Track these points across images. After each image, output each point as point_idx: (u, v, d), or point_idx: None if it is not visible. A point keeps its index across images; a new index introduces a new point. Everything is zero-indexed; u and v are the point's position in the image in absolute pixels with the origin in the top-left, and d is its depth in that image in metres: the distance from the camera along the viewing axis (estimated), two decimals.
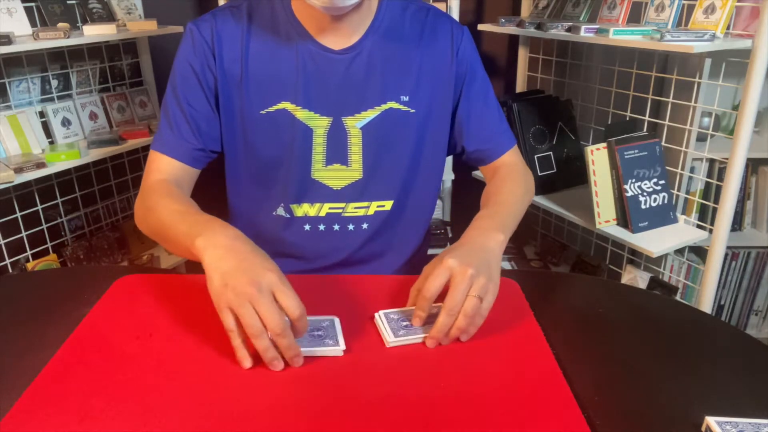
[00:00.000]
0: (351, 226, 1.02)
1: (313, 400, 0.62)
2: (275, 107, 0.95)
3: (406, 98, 0.98)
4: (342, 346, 0.70)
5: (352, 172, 0.99)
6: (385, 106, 0.97)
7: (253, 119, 0.95)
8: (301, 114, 0.95)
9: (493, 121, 1.06)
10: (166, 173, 0.94)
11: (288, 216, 1.01)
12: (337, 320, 0.74)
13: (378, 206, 1.02)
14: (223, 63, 0.94)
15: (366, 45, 0.96)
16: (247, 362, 0.66)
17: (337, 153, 0.98)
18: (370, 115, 0.97)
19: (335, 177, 0.99)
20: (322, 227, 1.01)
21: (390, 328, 0.73)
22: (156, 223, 0.85)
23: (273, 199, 1.01)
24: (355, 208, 1.01)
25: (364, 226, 1.02)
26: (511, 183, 1.00)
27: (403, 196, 1.03)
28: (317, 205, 1.00)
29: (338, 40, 0.94)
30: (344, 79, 0.95)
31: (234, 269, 0.67)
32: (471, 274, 0.72)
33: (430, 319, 0.73)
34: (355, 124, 0.97)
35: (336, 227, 1.01)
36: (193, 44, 0.94)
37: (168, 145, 0.95)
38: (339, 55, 0.95)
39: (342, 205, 1.00)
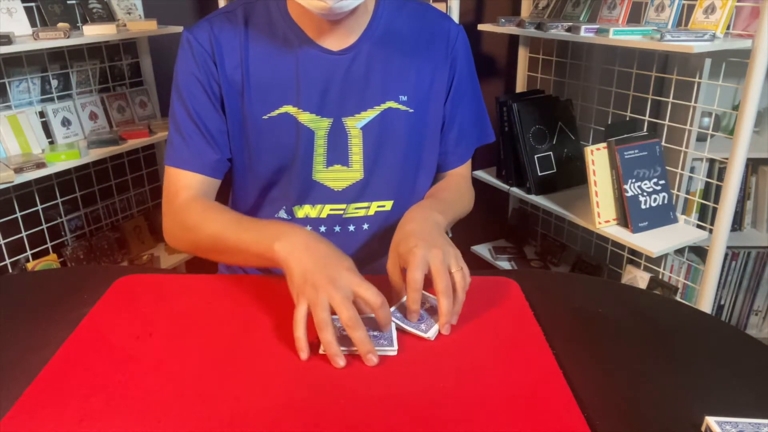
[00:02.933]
0: (352, 227, 1.02)
1: (313, 400, 0.62)
2: (277, 111, 0.95)
3: (404, 98, 0.98)
4: (395, 346, 0.71)
5: (353, 172, 0.99)
6: (384, 106, 0.97)
7: (256, 125, 0.95)
8: (304, 117, 0.95)
9: (467, 129, 1.07)
10: (193, 189, 0.94)
11: (289, 218, 1.01)
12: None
13: (378, 206, 1.02)
14: (225, 70, 0.93)
15: (364, 45, 0.95)
16: (304, 354, 0.68)
17: (337, 154, 0.98)
18: (369, 115, 0.97)
19: (336, 178, 0.99)
20: (323, 229, 1.01)
21: (413, 327, 0.74)
22: (205, 238, 0.86)
23: (275, 203, 1.01)
24: (356, 208, 1.01)
25: (365, 226, 1.02)
26: (457, 188, 1.05)
27: (403, 195, 1.03)
28: (318, 206, 1.00)
29: (336, 41, 0.94)
30: (344, 80, 0.95)
31: (314, 266, 0.71)
32: (443, 253, 0.76)
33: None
34: (355, 124, 0.97)
35: (337, 228, 1.01)
36: (193, 54, 0.93)
37: (187, 160, 0.94)
38: (338, 56, 0.94)
39: (343, 206, 1.00)
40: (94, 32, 1.67)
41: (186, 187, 0.93)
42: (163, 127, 1.92)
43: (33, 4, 1.68)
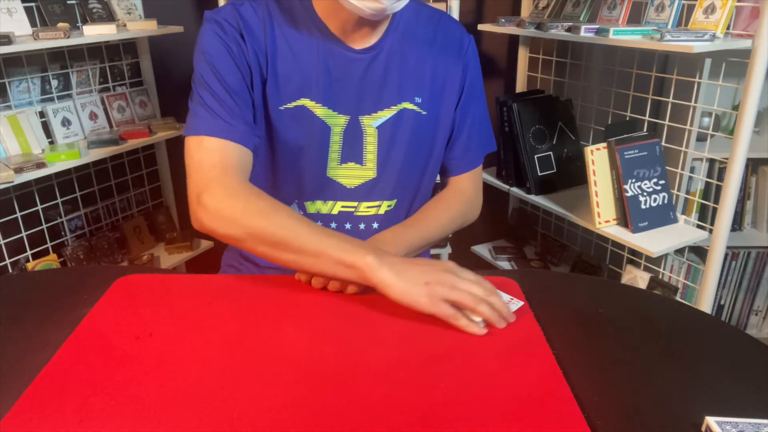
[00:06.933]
0: (362, 225, 1.02)
1: (313, 401, 0.62)
2: (294, 103, 0.95)
3: (419, 100, 0.99)
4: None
5: (367, 171, 1.00)
6: (400, 107, 0.98)
7: (273, 115, 0.95)
8: (320, 111, 0.96)
9: (475, 135, 1.08)
10: (234, 163, 0.87)
11: (300, 213, 1.01)
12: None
13: (388, 206, 1.03)
14: (252, 52, 0.92)
15: (385, 45, 0.97)
16: (482, 327, 0.74)
17: (352, 151, 0.98)
18: (386, 114, 0.98)
19: (350, 176, 1.00)
20: (333, 225, 1.02)
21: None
22: (276, 229, 0.81)
23: (287, 196, 1.01)
24: (368, 207, 1.02)
25: (375, 225, 1.03)
26: (444, 207, 1.06)
27: (413, 196, 1.05)
28: (330, 203, 1.01)
29: (359, 39, 0.95)
30: (363, 79, 0.96)
31: (423, 272, 0.76)
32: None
33: None
34: (371, 123, 0.98)
35: (347, 226, 1.02)
36: (223, 30, 0.90)
37: (221, 129, 0.88)
38: (360, 54, 0.96)
39: (354, 204, 1.01)
40: (94, 32, 1.66)
41: (225, 159, 0.87)
42: (163, 127, 1.92)
43: (33, 4, 1.68)
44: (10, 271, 1.71)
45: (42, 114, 1.74)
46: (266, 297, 0.82)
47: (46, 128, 1.74)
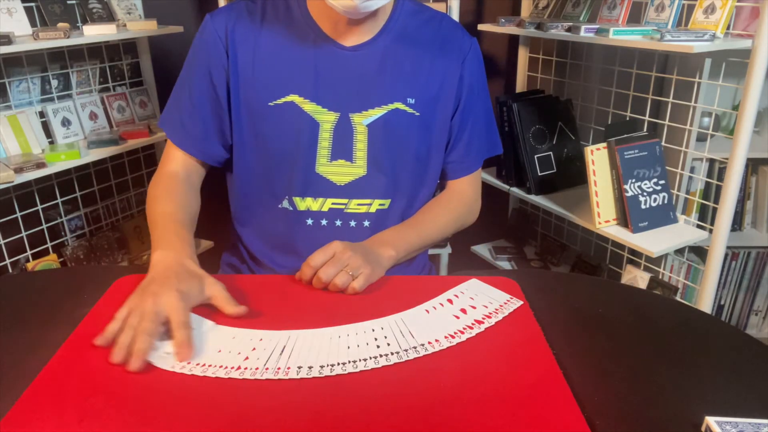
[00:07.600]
0: (353, 223, 1.02)
1: (313, 400, 0.62)
2: (283, 99, 0.96)
3: (412, 101, 0.99)
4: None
5: (357, 168, 1.00)
6: (391, 106, 0.98)
7: (261, 111, 0.97)
8: (309, 107, 0.96)
9: (476, 140, 1.09)
10: (180, 164, 1.02)
11: (291, 209, 1.01)
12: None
13: (380, 204, 1.02)
14: (236, 57, 0.96)
15: (378, 44, 0.97)
16: (100, 340, 0.70)
17: (342, 149, 0.99)
18: (377, 113, 0.98)
19: (339, 173, 1.00)
20: (324, 222, 1.02)
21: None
22: (149, 215, 0.95)
23: (277, 193, 1.02)
24: (358, 204, 1.02)
25: (366, 223, 1.02)
26: (443, 209, 1.08)
27: (405, 195, 1.04)
28: (320, 199, 1.01)
29: (351, 37, 0.96)
30: (354, 76, 0.97)
31: (152, 281, 0.75)
32: (349, 255, 0.84)
33: None
34: (361, 121, 0.98)
35: (338, 223, 1.02)
36: (207, 42, 0.97)
37: (180, 139, 1.01)
38: (350, 51, 0.96)
39: (345, 201, 1.01)
40: (94, 32, 1.66)
41: (173, 160, 1.02)
42: None
43: (33, 4, 1.68)
44: (10, 271, 1.71)
45: (42, 114, 1.74)
46: (265, 297, 0.82)
47: (46, 128, 1.74)
